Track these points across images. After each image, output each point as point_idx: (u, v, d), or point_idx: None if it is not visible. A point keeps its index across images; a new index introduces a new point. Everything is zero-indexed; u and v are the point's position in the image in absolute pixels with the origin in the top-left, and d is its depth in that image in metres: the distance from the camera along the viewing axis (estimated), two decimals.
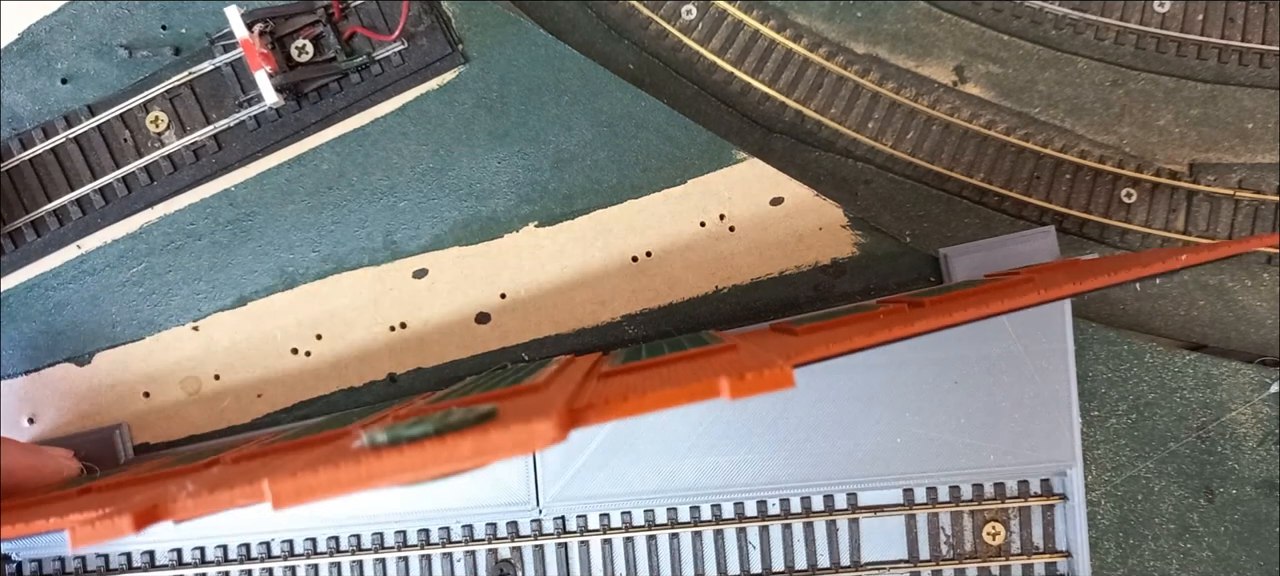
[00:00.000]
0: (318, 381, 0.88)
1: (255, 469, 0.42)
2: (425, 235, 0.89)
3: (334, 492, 0.31)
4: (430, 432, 0.33)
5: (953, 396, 0.82)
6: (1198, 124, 0.97)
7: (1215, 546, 0.87)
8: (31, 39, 0.89)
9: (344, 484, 0.31)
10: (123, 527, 0.34)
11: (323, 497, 0.31)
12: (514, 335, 0.88)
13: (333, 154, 0.89)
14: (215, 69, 0.88)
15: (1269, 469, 0.86)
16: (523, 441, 0.31)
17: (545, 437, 0.31)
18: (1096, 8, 1.00)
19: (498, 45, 0.90)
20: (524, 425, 0.31)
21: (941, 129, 0.98)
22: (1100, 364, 0.87)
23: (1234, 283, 0.94)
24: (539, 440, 0.31)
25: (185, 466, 0.56)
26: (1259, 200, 0.94)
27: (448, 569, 0.85)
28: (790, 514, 0.84)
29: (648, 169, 0.89)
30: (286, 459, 0.45)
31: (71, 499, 0.58)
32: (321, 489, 0.31)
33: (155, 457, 0.84)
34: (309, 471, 0.31)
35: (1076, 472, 0.82)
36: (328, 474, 0.31)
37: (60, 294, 0.88)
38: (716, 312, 0.88)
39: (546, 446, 0.31)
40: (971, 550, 0.84)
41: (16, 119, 0.89)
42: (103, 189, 0.88)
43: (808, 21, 1.01)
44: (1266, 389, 0.87)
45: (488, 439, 0.31)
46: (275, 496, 0.32)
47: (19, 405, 0.87)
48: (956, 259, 0.85)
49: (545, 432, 0.31)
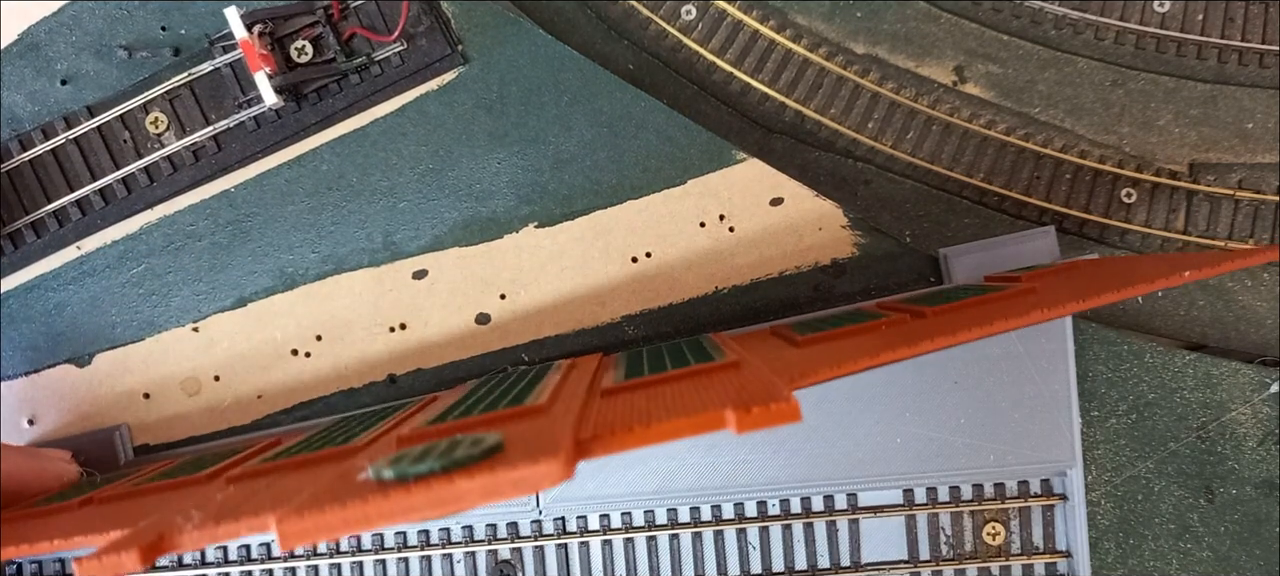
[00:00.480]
0: (318, 382, 0.88)
1: (260, 496, 0.42)
2: (425, 236, 0.89)
3: (341, 532, 0.32)
4: (437, 470, 0.33)
5: (952, 396, 0.82)
6: (1198, 124, 0.97)
7: (1215, 546, 0.87)
8: (31, 40, 0.89)
9: (351, 523, 0.32)
10: (129, 564, 0.35)
11: (330, 537, 0.32)
12: (514, 336, 0.88)
13: (332, 155, 0.89)
14: (215, 70, 0.88)
15: (1269, 469, 0.86)
16: (530, 482, 0.32)
17: (552, 477, 0.32)
18: (1096, 8, 1.00)
19: (497, 46, 0.89)
20: (531, 465, 0.32)
21: (941, 129, 0.98)
22: (1100, 364, 0.87)
23: (1234, 283, 0.94)
24: (546, 480, 0.32)
25: (186, 478, 0.56)
26: (1259, 200, 0.94)
27: (447, 569, 0.85)
28: (790, 514, 0.84)
29: (647, 169, 0.89)
30: (292, 481, 0.45)
31: (72, 511, 0.58)
32: (329, 529, 0.32)
33: (155, 459, 0.84)
34: (316, 511, 0.32)
35: (1076, 472, 0.82)
36: (335, 513, 0.32)
37: (60, 295, 0.88)
38: (716, 313, 0.88)
39: (554, 486, 0.31)
40: (971, 550, 0.84)
41: (16, 120, 0.89)
42: (102, 190, 0.88)
43: (808, 21, 1.01)
44: (1266, 389, 0.87)
45: (495, 479, 0.32)
46: (282, 537, 0.32)
47: (19, 406, 0.87)
48: (956, 259, 0.85)
49: (552, 472, 0.32)
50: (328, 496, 0.33)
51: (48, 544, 0.46)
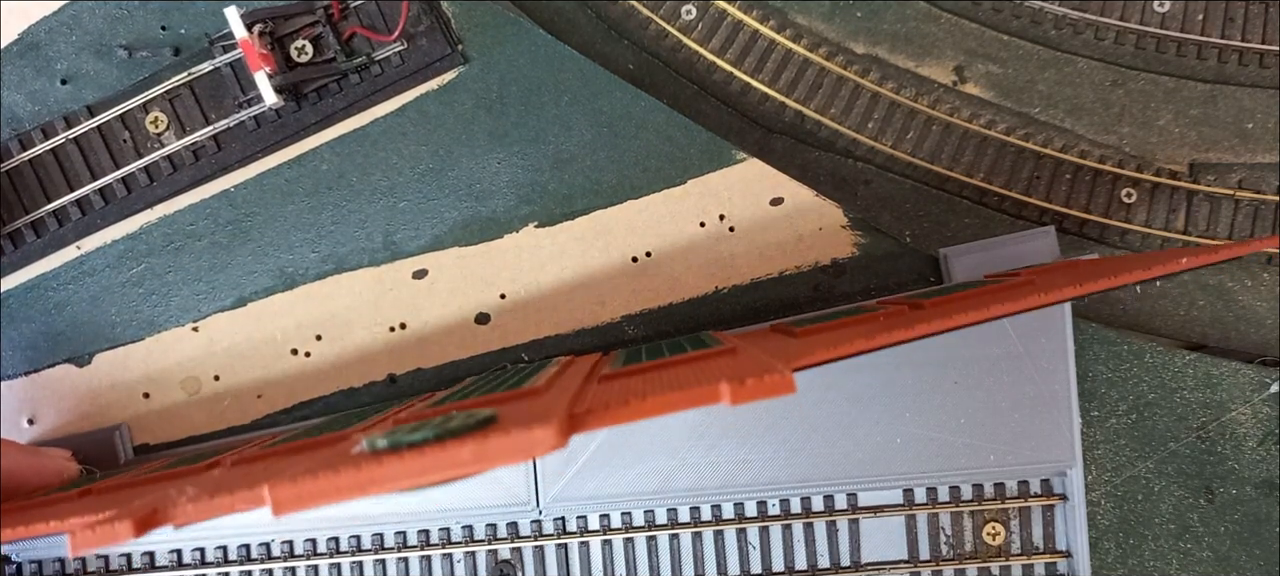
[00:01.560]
0: (318, 382, 0.88)
1: (255, 473, 0.42)
2: (425, 235, 0.89)
3: (334, 498, 0.31)
4: (430, 438, 0.33)
5: (953, 396, 0.82)
6: (1198, 124, 0.97)
7: (1215, 546, 0.87)
8: (31, 40, 0.89)
9: (344, 489, 0.31)
10: (123, 533, 0.34)
11: (323, 503, 0.31)
12: (514, 335, 0.88)
13: (332, 154, 0.89)
14: (215, 69, 0.88)
15: (1269, 469, 0.86)
16: (523, 447, 0.31)
17: (546, 444, 0.31)
18: (1096, 8, 1.00)
19: (497, 45, 0.89)
20: (524, 431, 0.31)
21: (941, 129, 0.98)
22: (1100, 364, 0.87)
23: (1234, 283, 0.94)
24: (539, 446, 0.31)
25: (185, 469, 0.56)
26: (1259, 200, 0.94)
27: (448, 569, 0.85)
28: (790, 514, 0.84)
29: (647, 169, 0.89)
30: (286, 462, 0.44)
31: (72, 501, 0.58)
32: (321, 494, 0.31)
33: (155, 458, 0.84)
34: (309, 477, 0.31)
35: (1076, 472, 0.82)
36: (327, 479, 0.31)
37: (60, 294, 0.88)
38: (716, 313, 0.88)
39: (547, 452, 0.31)
40: (971, 550, 0.84)
41: (16, 120, 0.89)
42: (102, 190, 0.88)
43: (808, 21, 1.01)
44: (1266, 389, 0.87)
45: (488, 445, 0.31)
46: (275, 502, 0.32)
47: (19, 406, 0.87)
48: (956, 259, 0.85)
49: (546, 439, 0.31)
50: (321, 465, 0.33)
51: (45, 526, 0.46)
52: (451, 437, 0.32)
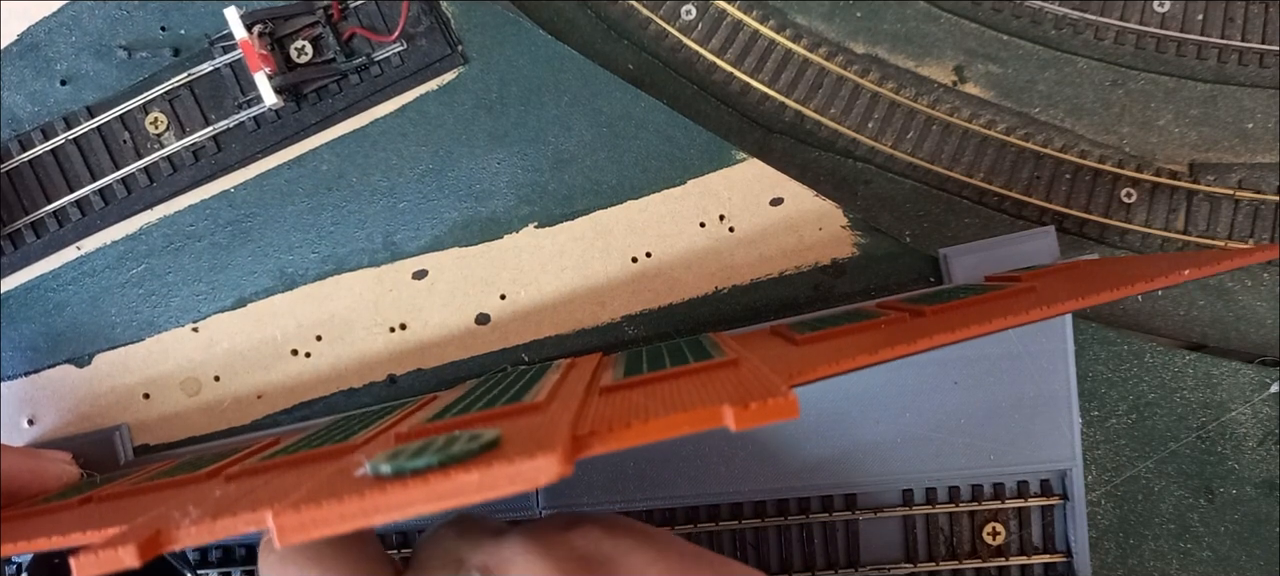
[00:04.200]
0: (318, 382, 0.88)
1: (258, 492, 0.42)
2: (425, 236, 0.89)
3: (339, 527, 0.32)
4: (434, 465, 0.33)
5: (952, 396, 0.82)
6: (1198, 124, 0.97)
7: (1215, 546, 0.87)
8: (31, 40, 0.89)
9: (349, 518, 0.32)
10: (128, 559, 0.34)
11: (328, 532, 0.32)
12: (514, 336, 0.88)
13: (332, 155, 0.89)
14: (214, 70, 0.88)
15: (1269, 469, 0.86)
16: (527, 477, 0.31)
17: (550, 473, 0.31)
18: (1096, 8, 1.00)
19: (497, 46, 0.89)
20: (528, 460, 0.31)
21: (941, 129, 0.98)
22: (1100, 364, 0.87)
23: (1234, 283, 0.94)
24: (543, 475, 0.31)
25: (187, 476, 0.56)
26: (1259, 200, 0.94)
27: None
28: (789, 514, 0.84)
29: (647, 169, 0.89)
30: (288, 478, 0.45)
31: (72, 509, 0.58)
32: (325, 523, 0.32)
33: (155, 459, 0.84)
34: (312, 504, 0.32)
35: (1076, 472, 0.82)
36: (332, 508, 0.32)
37: (60, 295, 0.88)
38: (716, 313, 0.88)
39: (552, 481, 0.31)
40: (971, 550, 0.84)
41: (16, 120, 0.89)
42: (102, 190, 0.88)
43: (808, 21, 1.01)
44: (1266, 389, 0.87)
45: (492, 474, 0.31)
46: (279, 531, 0.32)
47: (19, 407, 0.87)
48: (956, 259, 0.85)
49: (549, 468, 0.31)
50: (324, 491, 0.33)
51: (46, 540, 0.46)
52: (455, 464, 0.32)
